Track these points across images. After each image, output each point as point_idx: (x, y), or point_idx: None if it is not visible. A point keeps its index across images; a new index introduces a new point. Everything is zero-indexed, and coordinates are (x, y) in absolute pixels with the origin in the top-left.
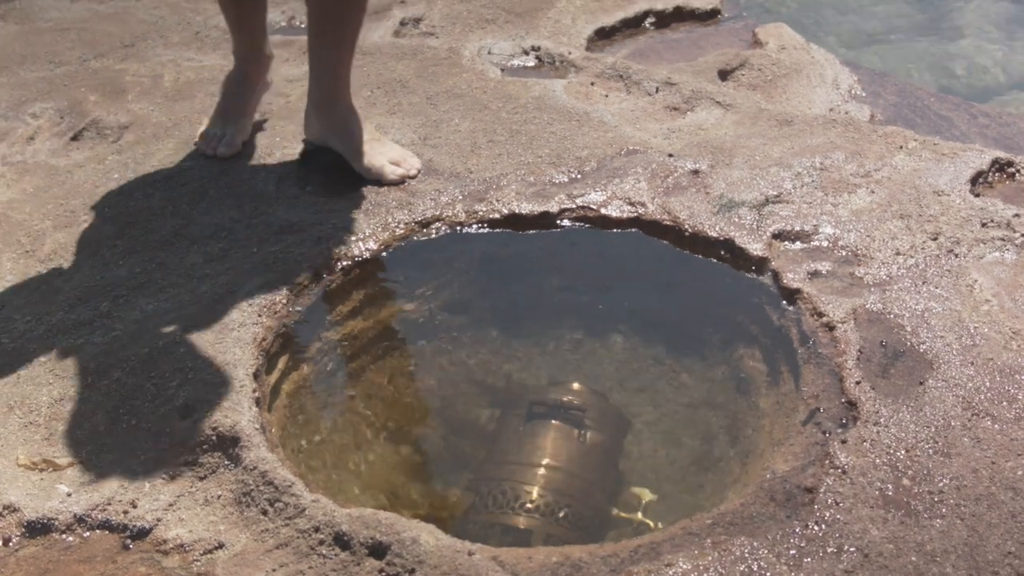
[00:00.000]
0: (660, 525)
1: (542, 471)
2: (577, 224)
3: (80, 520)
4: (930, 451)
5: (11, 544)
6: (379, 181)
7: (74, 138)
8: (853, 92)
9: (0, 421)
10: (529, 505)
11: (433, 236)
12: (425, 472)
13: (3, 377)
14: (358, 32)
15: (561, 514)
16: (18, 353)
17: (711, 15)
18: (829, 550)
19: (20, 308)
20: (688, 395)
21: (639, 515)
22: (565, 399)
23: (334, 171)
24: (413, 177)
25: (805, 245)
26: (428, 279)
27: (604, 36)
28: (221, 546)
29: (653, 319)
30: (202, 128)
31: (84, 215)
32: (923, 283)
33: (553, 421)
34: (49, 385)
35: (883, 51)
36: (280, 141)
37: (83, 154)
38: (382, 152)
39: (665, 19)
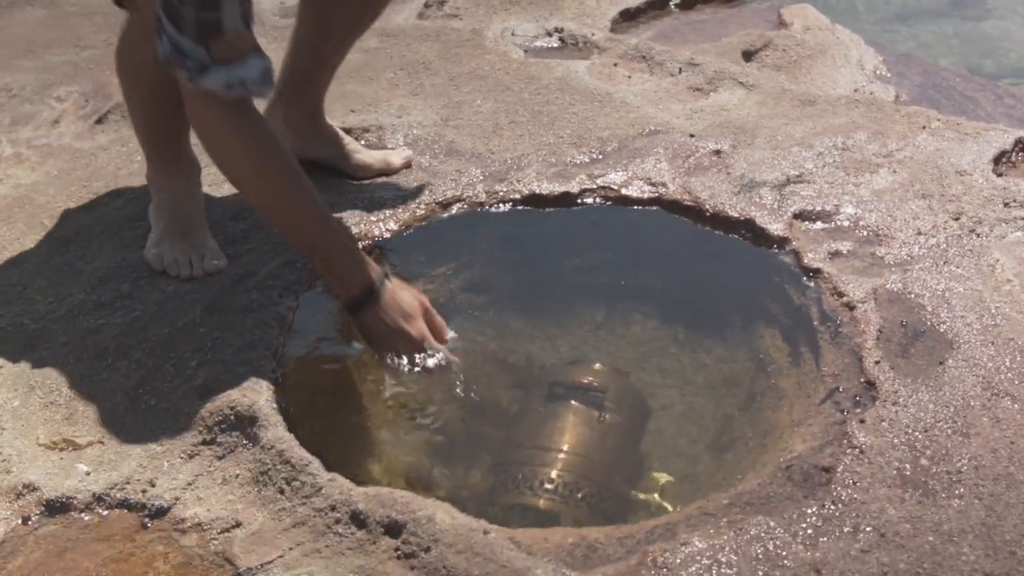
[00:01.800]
0: (678, 507)
1: (562, 455)
2: (598, 203)
3: (99, 499)
4: (949, 431)
5: (31, 523)
6: (385, 170)
7: (98, 121)
8: (878, 72)
9: (22, 401)
10: (548, 486)
11: (454, 216)
12: (445, 453)
13: (25, 357)
14: None
15: (580, 495)
16: (40, 334)
17: None
18: (845, 529)
19: (42, 289)
20: (707, 375)
21: (657, 497)
22: (586, 380)
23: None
24: (410, 162)
25: (826, 225)
26: (448, 259)
27: (629, 18)
28: (238, 524)
29: (673, 299)
30: (151, 251)
31: (107, 197)
32: (944, 263)
33: (573, 403)
34: (70, 365)
35: (910, 32)
36: None
37: (107, 137)
38: (364, 149)
39: (690, 0)
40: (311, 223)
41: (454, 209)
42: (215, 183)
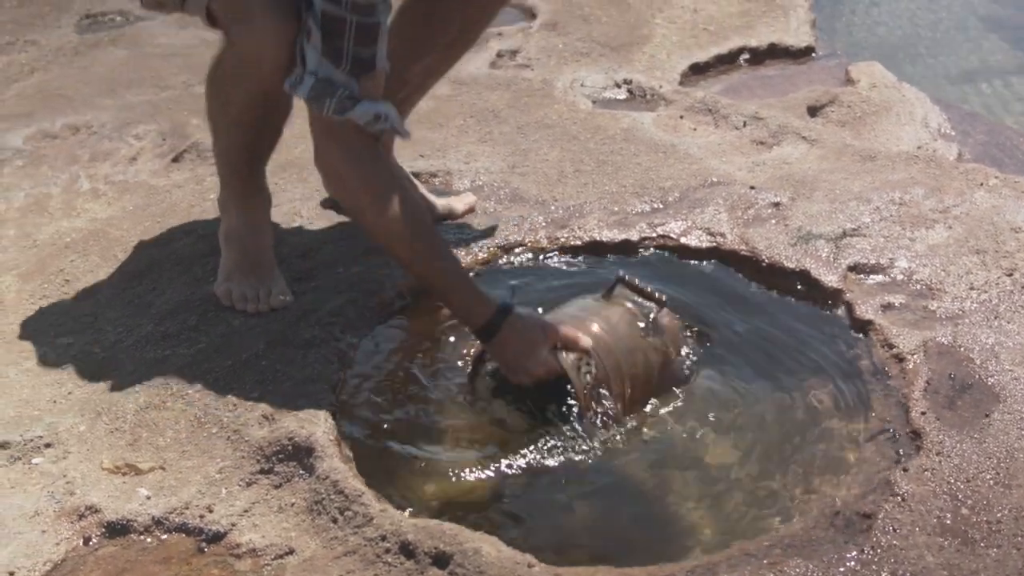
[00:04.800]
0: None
1: (593, 328)
2: (656, 252)
3: (158, 522)
4: (991, 482)
5: (91, 543)
6: (448, 216)
7: (175, 159)
8: (942, 130)
9: (88, 426)
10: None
11: (515, 261)
12: (495, 490)
13: (93, 384)
14: None
15: (586, 370)
16: (108, 362)
17: (805, 52)
18: (883, 574)
19: (112, 320)
20: (757, 420)
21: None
22: (650, 289)
23: None
24: (473, 208)
25: (880, 278)
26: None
27: (698, 72)
28: (291, 552)
29: (727, 346)
30: (220, 286)
31: (179, 234)
32: (995, 318)
33: (628, 304)
34: (136, 393)
35: (977, 90)
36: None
37: (182, 175)
38: (429, 194)
39: (759, 56)
40: (430, 256)
41: (515, 253)
42: (284, 222)
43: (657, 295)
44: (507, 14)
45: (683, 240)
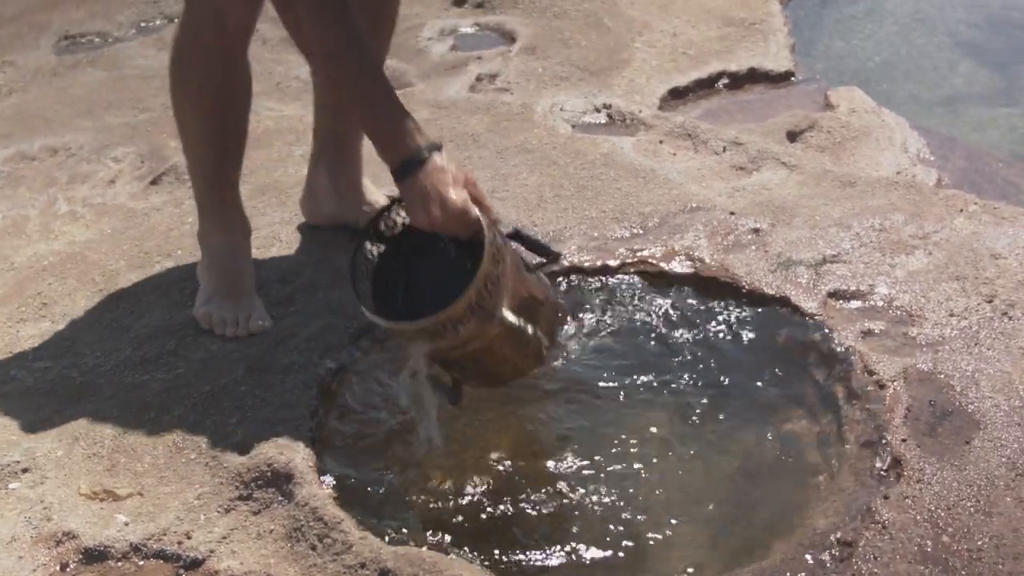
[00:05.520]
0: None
1: None
2: (635, 278)
3: (136, 549)
4: (972, 509)
5: (68, 569)
6: None
7: (153, 182)
8: (921, 156)
9: (65, 451)
10: None
11: None
12: (474, 516)
13: (70, 409)
14: None
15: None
16: (86, 387)
17: (784, 77)
18: None
19: (90, 344)
20: (735, 448)
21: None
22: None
23: None
24: None
25: (860, 304)
26: None
27: (677, 96)
28: None
29: (703, 372)
30: (200, 309)
31: (158, 257)
32: (975, 344)
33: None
34: (113, 419)
35: (957, 116)
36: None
37: (161, 198)
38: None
39: (739, 80)
40: (371, 80)
41: None
42: (263, 246)
43: (553, 250)
44: (487, 38)
45: (663, 266)
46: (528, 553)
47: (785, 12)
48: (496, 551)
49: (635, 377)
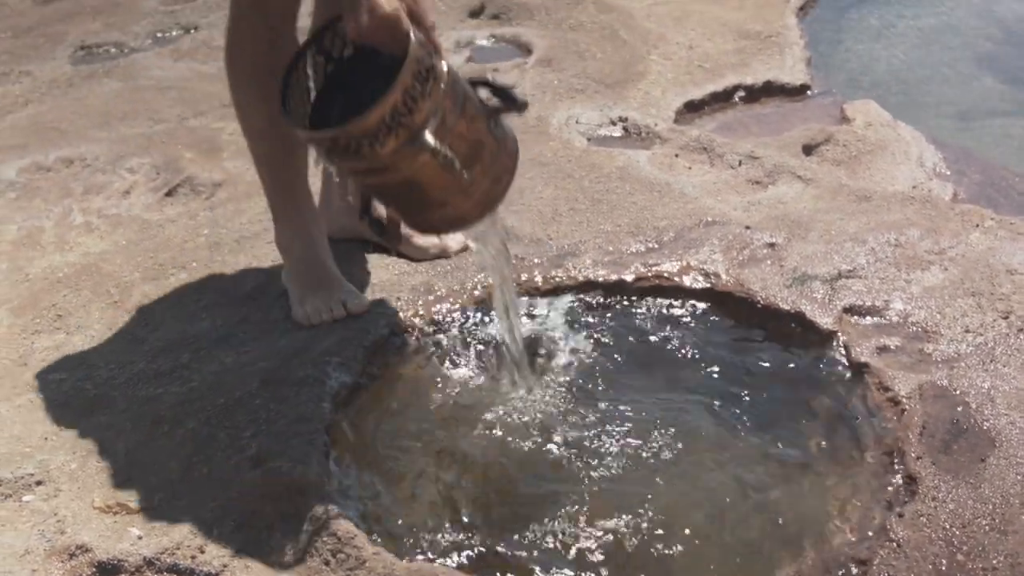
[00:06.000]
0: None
1: None
2: (651, 293)
3: (149, 563)
4: (987, 527)
5: None
6: (441, 255)
7: (168, 194)
8: (937, 170)
9: (79, 464)
10: None
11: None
12: (489, 532)
13: (85, 422)
14: None
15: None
16: (100, 399)
17: (800, 90)
18: None
19: (105, 356)
20: (749, 464)
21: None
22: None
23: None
24: (467, 247)
25: (875, 320)
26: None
27: (693, 109)
28: None
29: (717, 388)
30: (296, 312)
31: (172, 269)
32: (991, 361)
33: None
34: (127, 432)
35: (974, 130)
36: None
37: (176, 209)
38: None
39: (754, 93)
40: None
41: None
42: (277, 258)
43: (520, 98)
44: (503, 50)
45: (677, 280)
46: (540, 566)
47: (801, 25)
48: (510, 569)
49: (648, 393)
